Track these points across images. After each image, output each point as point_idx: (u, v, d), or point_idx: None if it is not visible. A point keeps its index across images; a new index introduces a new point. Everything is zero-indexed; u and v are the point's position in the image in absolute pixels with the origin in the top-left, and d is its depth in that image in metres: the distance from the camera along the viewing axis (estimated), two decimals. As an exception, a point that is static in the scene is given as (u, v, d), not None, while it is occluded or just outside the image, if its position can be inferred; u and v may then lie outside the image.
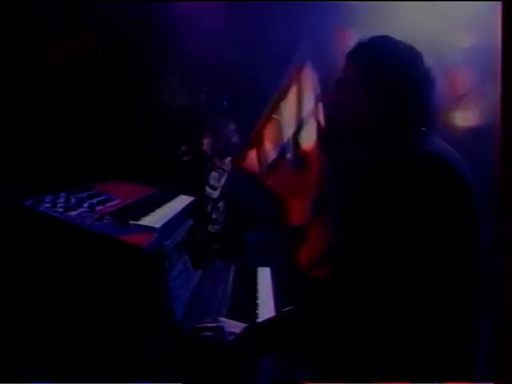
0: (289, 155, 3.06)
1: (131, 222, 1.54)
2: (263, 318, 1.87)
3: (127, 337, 1.46)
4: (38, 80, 2.39)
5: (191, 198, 2.32)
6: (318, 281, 1.43)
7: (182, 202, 2.20)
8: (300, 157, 3.06)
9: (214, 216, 2.86)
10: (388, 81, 1.42)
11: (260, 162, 3.06)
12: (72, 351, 1.43)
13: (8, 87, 2.19)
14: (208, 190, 2.89)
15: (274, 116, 3.02)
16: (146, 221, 1.63)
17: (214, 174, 2.91)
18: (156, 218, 1.70)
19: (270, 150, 3.08)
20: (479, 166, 1.51)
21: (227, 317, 1.72)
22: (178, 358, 1.47)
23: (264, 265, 2.60)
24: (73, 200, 1.61)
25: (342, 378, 1.29)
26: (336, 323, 1.30)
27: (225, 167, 2.94)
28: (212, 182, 2.90)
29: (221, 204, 2.90)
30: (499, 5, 1.60)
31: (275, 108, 3.01)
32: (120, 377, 1.40)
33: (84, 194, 1.72)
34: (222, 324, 1.50)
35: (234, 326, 1.50)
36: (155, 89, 2.99)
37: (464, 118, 2.90)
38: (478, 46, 2.71)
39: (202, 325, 1.51)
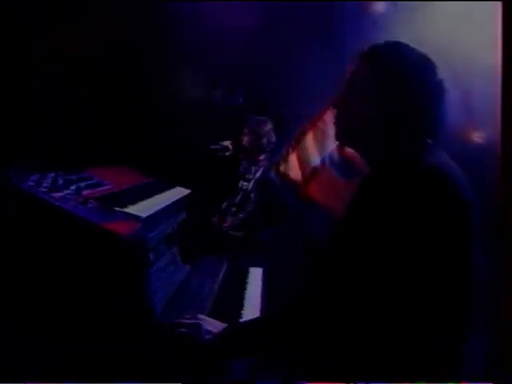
0: (334, 162, 3.03)
1: (116, 209, 1.49)
2: (247, 319, 1.84)
3: (102, 326, 1.42)
4: (38, 80, 2.38)
5: (187, 191, 2.28)
6: (309, 284, 1.38)
7: (176, 193, 2.16)
8: (347, 163, 3.02)
9: (242, 205, 2.90)
10: (396, 84, 1.37)
11: (302, 168, 3.05)
12: (44, 337, 1.40)
13: (8, 87, 2.18)
14: (242, 182, 3.02)
15: (319, 124, 2.99)
16: (132, 209, 1.58)
17: (249, 168, 3.03)
18: (144, 208, 1.66)
19: (313, 158, 3.06)
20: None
21: (210, 314, 1.69)
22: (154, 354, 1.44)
23: (257, 265, 2.56)
24: (60, 181, 1.56)
25: (341, 379, 1.27)
26: (328, 325, 1.28)
27: (261, 163, 3.04)
28: (247, 175, 3.02)
29: (252, 195, 2.97)
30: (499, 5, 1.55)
31: (321, 117, 2.98)
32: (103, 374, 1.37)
33: (73, 177, 1.68)
34: (200, 321, 1.46)
35: (213, 325, 1.46)
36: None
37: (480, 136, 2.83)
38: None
39: (180, 320, 1.47)
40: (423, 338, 1.23)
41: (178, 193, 2.19)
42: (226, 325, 1.47)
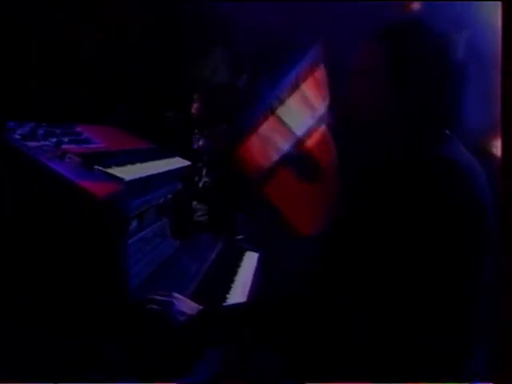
0: (294, 164, 2.85)
1: (96, 168, 1.36)
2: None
3: (68, 293, 1.30)
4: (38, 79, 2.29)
5: (187, 162, 2.14)
6: (305, 277, 1.27)
7: (173, 163, 2.02)
8: (308, 166, 2.85)
9: (201, 187, 2.68)
10: (419, 68, 1.23)
11: (260, 160, 2.84)
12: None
13: (8, 86, 2.08)
14: (197, 162, 2.68)
15: (279, 113, 2.80)
16: (117, 171, 1.43)
17: (202, 142, 2.67)
18: (131, 171, 1.52)
19: (273, 151, 2.85)
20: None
21: (193, 293, 1.57)
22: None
23: (254, 249, 2.42)
24: (40, 132, 1.42)
25: (342, 378, 1.21)
26: (323, 326, 1.21)
27: (216, 136, 2.70)
28: (202, 154, 2.69)
29: (208, 180, 2.69)
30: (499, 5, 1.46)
31: (281, 104, 2.79)
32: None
33: (57, 130, 1.53)
34: (174, 300, 1.35)
35: (187, 306, 1.35)
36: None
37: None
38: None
39: (152, 296, 1.35)
40: (424, 339, 1.16)
41: (176, 163, 2.05)
42: (202, 307, 1.36)
